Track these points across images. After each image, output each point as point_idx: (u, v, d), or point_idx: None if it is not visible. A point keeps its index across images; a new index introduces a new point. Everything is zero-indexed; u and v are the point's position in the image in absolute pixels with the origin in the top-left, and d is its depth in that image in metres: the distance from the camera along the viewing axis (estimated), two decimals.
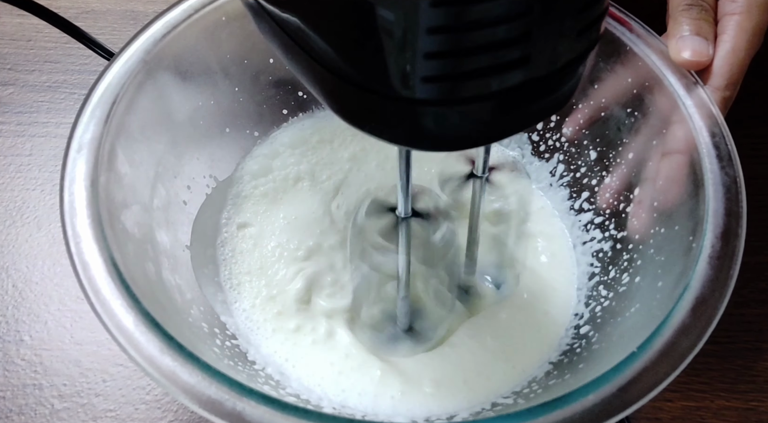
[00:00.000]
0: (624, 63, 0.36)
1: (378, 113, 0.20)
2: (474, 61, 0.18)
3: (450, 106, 0.19)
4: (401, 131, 0.20)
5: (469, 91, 0.19)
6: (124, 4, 0.54)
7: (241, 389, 0.24)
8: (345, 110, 0.21)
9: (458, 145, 0.21)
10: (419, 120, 0.19)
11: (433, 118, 0.19)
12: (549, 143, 0.42)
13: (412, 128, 0.20)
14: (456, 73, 0.18)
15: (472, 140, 0.21)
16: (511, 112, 0.20)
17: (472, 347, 0.36)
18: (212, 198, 0.39)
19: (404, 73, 0.18)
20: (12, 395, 0.36)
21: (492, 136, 0.21)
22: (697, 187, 0.31)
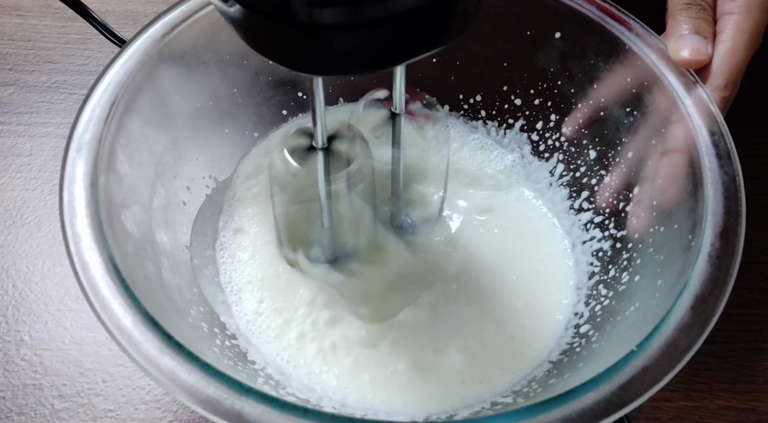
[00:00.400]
0: (623, 62, 0.37)
1: (282, 42, 0.22)
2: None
3: (340, 31, 0.21)
4: (303, 58, 0.23)
5: (360, 16, 0.21)
6: (124, 5, 0.54)
7: (241, 388, 0.24)
8: (256, 41, 0.23)
9: (356, 69, 0.24)
10: (318, 46, 0.22)
11: (329, 44, 0.22)
12: (548, 143, 0.42)
13: (312, 54, 0.22)
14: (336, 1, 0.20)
15: (368, 64, 0.23)
16: (397, 41, 0.22)
17: (471, 346, 0.36)
18: (212, 198, 0.39)
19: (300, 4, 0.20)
20: (12, 395, 0.36)
21: (385, 62, 0.24)
22: (697, 186, 0.31)
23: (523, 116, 0.43)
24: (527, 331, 0.36)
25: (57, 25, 0.53)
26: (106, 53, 0.51)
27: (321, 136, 0.31)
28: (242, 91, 0.40)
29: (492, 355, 0.35)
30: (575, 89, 0.40)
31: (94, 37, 0.52)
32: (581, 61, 0.39)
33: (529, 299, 0.38)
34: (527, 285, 0.38)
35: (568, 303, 0.37)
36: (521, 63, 0.41)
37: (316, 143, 0.31)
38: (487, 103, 0.43)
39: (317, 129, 0.30)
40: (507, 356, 0.35)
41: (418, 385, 0.34)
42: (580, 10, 0.37)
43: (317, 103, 0.28)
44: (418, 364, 0.35)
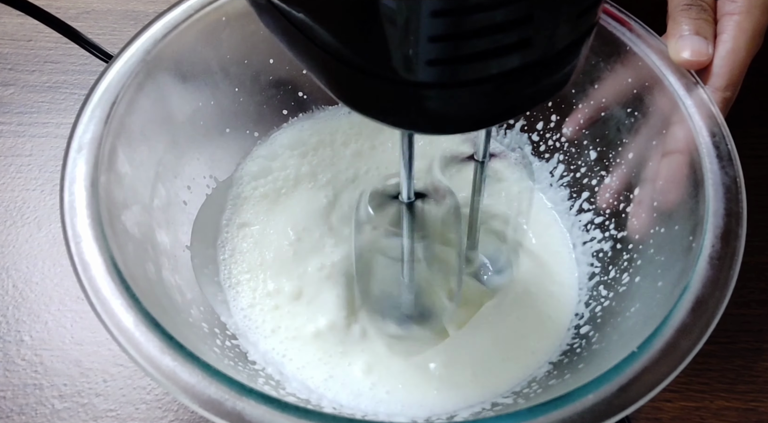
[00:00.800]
0: (624, 63, 0.36)
1: (381, 98, 0.20)
2: (476, 44, 0.18)
3: (452, 89, 0.19)
4: (404, 115, 0.20)
5: (471, 74, 0.19)
6: (125, 4, 0.54)
7: (242, 389, 0.24)
8: (349, 96, 0.21)
9: (459, 127, 0.22)
10: (421, 103, 0.20)
11: (435, 101, 0.20)
12: (549, 143, 0.42)
13: (414, 112, 0.20)
14: (458, 56, 0.18)
15: (473, 122, 0.22)
16: (510, 95, 0.20)
17: (471, 347, 0.36)
18: (212, 198, 0.39)
19: (407, 57, 0.18)
20: (12, 395, 0.36)
21: (492, 118, 0.21)
22: (697, 187, 0.31)
23: (524, 116, 0.43)
24: (527, 332, 0.36)
25: None
26: None
27: (407, 190, 0.29)
28: (243, 91, 0.40)
29: (492, 355, 0.35)
30: (576, 90, 0.40)
31: (95, 37, 0.52)
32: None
33: (529, 299, 0.38)
34: (527, 285, 0.38)
35: (568, 304, 0.37)
36: None
37: (402, 198, 0.29)
38: None
39: (407, 183, 0.28)
40: (507, 356, 0.35)
41: (418, 385, 0.34)
42: None
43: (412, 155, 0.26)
44: (417, 364, 0.35)
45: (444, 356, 0.35)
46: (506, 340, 0.36)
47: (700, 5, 0.36)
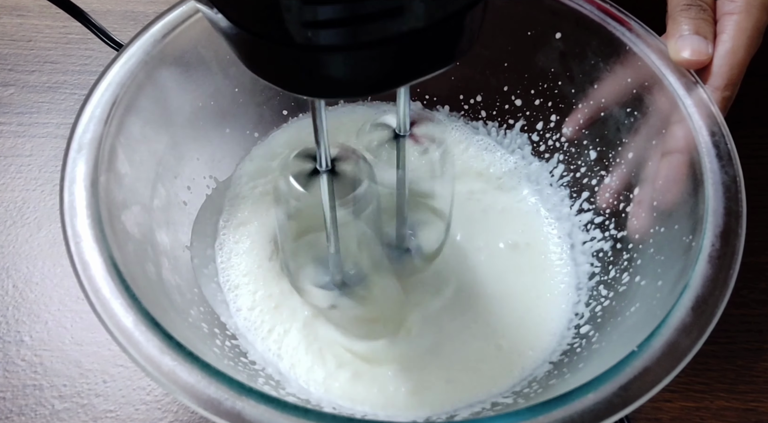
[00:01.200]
0: (623, 63, 0.37)
1: (278, 62, 0.21)
2: (353, 8, 0.19)
3: (341, 52, 0.20)
4: (299, 80, 0.22)
5: (358, 38, 0.20)
6: (125, 5, 0.54)
7: (241, 388, 0.24)
8: (253, 62, 0.22)
9: (352, 91, 0.23)
10: (314, 67, 0.21)
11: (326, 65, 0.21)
12: (549, 143, 0.42)
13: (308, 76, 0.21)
14: (342, 19, 0.19)
15: (366, 87, 0.23)
16: (399, 62, 0.21)
17: (473, 347, 0.36)
18: (212, 198, 0.39)
19: (296, 20, 0.19)
20: (12, 396, 0.36)
21: (386, 84, 0.22)
22: (697, 187, 0.31)
23: (524, 117, 0.43)
24: (528, 331, 0.36)
25: (58, 25, 0.53)
26: (106, 53, 0.51)
27: (325, 159, 0.29)
28: (243, 91, 0.40)
29: (492, 354, 0.35)
30: (575, 89, 0.40)
31: (95, 37, 0.52)
32: (581, 61, 0.39)
33: (529, 299, 0.38)
34: (527, 286, 0.38)
35: (568, 303, 0.37)
36: (522, 63, 0.41)
37: (320, 166, 0.30)
38: (488, 103, 0.43)
39: (321, 151, 0.29)
40: (507, 356, 0.35)
41: (418, 384, 0.34)
42: (581, 11, 0.37)
43: (319, 124, 0.27)
44: (417, 363, 0.35)
45: (444, 356, 0.35)
46: (506, 340, 0.36)
47: (699, 5, 0.36)
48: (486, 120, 0.44)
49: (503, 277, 0.39)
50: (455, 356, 0.35)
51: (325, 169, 0.30)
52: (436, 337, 0.36)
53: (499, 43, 0.41)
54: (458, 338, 0.36)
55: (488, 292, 0.38)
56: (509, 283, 0.39)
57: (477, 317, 0.37)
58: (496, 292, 0.38)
